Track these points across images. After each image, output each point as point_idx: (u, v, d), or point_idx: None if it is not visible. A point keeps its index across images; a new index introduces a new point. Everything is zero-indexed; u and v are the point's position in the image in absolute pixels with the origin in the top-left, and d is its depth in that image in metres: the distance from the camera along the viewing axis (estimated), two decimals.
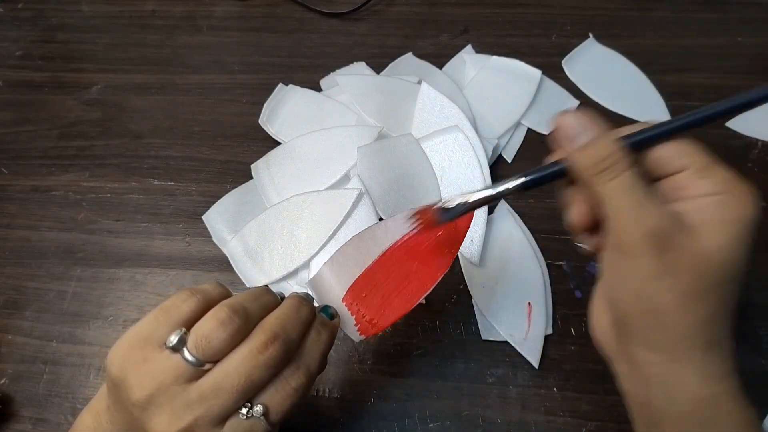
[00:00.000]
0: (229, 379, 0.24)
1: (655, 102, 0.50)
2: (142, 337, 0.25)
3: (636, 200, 0.23)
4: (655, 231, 0.22)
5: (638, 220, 0.23)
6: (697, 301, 0.23)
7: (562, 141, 0.25)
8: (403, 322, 0.40)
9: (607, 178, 0.23)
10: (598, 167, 0.23)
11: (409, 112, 0.48)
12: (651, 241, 0.22)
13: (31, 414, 0.38)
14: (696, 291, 0.23)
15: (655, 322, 0.23)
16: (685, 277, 0.22)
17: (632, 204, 0.23)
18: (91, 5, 0.61)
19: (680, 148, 0.24)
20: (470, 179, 0.44)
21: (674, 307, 0.23)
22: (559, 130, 0.25)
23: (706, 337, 0.23)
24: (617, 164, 0.23)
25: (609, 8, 0.57)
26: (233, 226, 0.44)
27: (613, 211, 0.23)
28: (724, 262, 0.22)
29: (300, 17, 0.59)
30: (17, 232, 0.46)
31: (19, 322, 0.41)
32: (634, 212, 0.23)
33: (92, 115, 0.52)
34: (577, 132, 0.24)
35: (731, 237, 0.22)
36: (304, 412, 0.37)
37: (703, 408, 0.23)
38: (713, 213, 0.23)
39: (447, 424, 0.36)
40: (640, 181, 0.23)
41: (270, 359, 0.24)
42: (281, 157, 0.46)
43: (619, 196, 0.23)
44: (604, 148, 0.23)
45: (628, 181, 0.23)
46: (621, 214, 0.23)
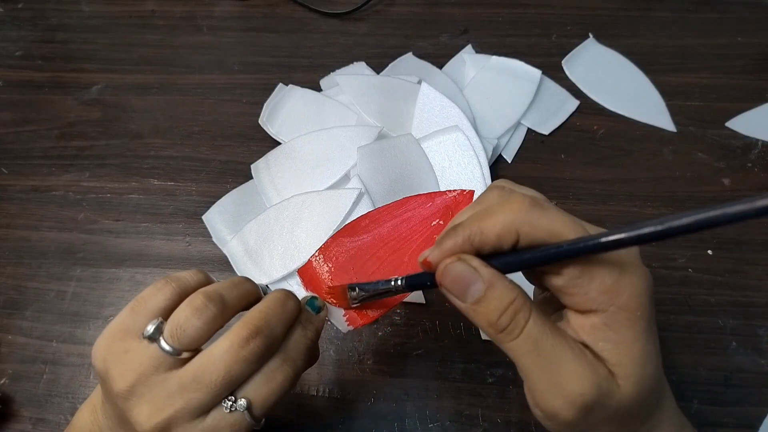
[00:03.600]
0: (208, 372, 0.24)
1: (655, 102, 0.50)
2: (121, 329, 0.25)
3: (546, 362, 0.21)
4: (577, 399, 0.20)
5: (555, 386, 0.21)
6: (630, 424, 0.22)
7: (451, 298, 0.22)
8: (403, 322, 0.40)
9: (509, 337, 0.21)
10: (498, 326, 0.21)
11: (409, 112, 0.48)
12: (573, 410, 0.21)
13: (31, 414, 0.38)
14: (627, 421, 0.22)
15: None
16: (614, 422, 0.22)
17: (543, 366, 0.21)
18: (91, 5, 0.61)
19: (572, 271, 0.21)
20: (470, 179, 0.44)
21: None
22: (444, 285, 0.22)
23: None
24: (516, 319, 0.21)
25: (609, 8, 0.57)
26: (233, 226, 0.44)
27: (525, 372, 0.21)
28: (645, 387, 0.21)
29: (300, 17, 0.59)
30: (17, 232, 0.46)
31: (19, 322, 0.41)
32: (548, 376, 0.21)
33: (92, 115, 0.52)
34: (463, 287, 0.21)
35: (642, 360, 0.21)
36: (303, 412, 0.37)
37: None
38: (616, 342, 0.21)
39: (447, 424, 0.36)
40: (546, 331, 0.21)
41: (251, 354, 0.24)
42: (281, 157, 0.46)
43: (528, 357, 0.21)
44: (500, 301, 0.21)
45: (532, 337, 0.21)
46: (534, 377, 0.21)
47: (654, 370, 0.22)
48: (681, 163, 0.47)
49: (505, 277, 0.22)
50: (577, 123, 0.50)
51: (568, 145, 0.48)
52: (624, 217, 0.44)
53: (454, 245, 0.22)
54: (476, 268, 0.21)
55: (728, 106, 0.50)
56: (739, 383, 0.37)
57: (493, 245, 0.21)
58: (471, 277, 0.21)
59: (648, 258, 0.42)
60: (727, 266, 0.42)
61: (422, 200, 0.30)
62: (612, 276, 0.20)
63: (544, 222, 0.21)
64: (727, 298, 0.40)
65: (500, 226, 0.21)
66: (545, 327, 0.21)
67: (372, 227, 0.31)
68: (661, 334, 0.40)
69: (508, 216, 0.21)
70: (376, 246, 0.31)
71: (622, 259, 0.21)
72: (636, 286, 0.21)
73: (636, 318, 0.21)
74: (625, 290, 0.21)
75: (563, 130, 0.49)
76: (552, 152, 0.48)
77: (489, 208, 0.22)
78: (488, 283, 0.21)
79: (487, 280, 0.21)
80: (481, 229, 0.21)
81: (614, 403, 0.21)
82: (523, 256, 0.21)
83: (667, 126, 0.49)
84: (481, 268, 0.21)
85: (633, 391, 0.21)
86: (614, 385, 0.21)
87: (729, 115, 0.49)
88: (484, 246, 0.21)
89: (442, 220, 0.29)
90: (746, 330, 0.39)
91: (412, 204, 0.31)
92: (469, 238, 0.21)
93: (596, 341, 0.21)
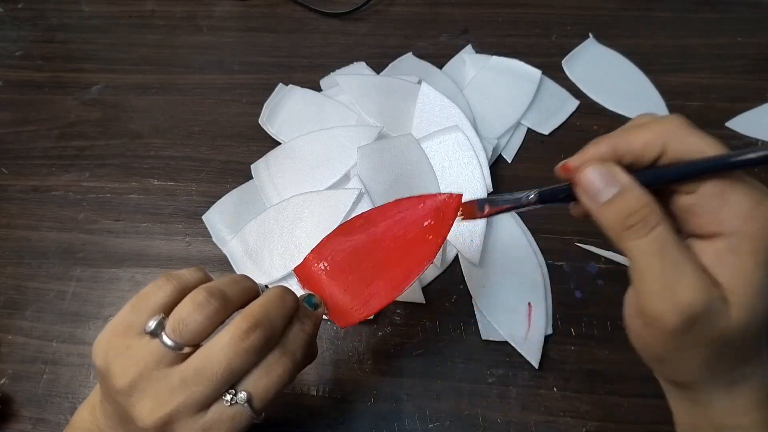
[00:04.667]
0: (210, 365, 0.24)
1: (655, 102, 0.50)
2: (123, 326, 0.25)
3: (667, 265, 0.21)
4: (685, 308, 0.20)
5: (668, 291, 0.21)
6: (720, 360, 0.22)
7: (584, 198, 0.23)
8: (402, 322, 0.40)
9: (636, 236, 0.21)
10: (625, 223, 0.21)
11: (409, 112, 0.48)
12: (679, 317, 0.21)
13: (31, 414, 0.38)
14: (720, 354, 0.22)
15: (673, 374, 0.24)
16: (710, 346, 0.22)
17: (662, 269, 0.21)
18: (91, 5, 0.61)
19: (716, 190, 0.21)
20: (470, 179, 0.44)
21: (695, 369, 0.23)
22: (580, 185, 0.23)
23: (727, 380, 0.23)
24: (647, 219, 0.21)
25: (609, 8, 0.57)
26: (233, 227, 0.44)
27: (641, 272, 0.21)
28: (753, 320, 0.21)
29: (300, 17, 0.59)
30: (17, 232, 0.46)
31: (19, 322, 0.41)
32: (664, 280, 0.21)
33: (92, 115, 0.52)
34: (601, 187, 0.22)
35: (758, 292, 0.21)
36: (303, 412, 0.37)
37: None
38: (736, 267, 0.21)
39: (447, 424, 0.36)
40: (672, 239, 0.21)
41: (251, 347, 0.24)
42: (281, 157, 0.46)
43: (649, 257, 0.21)
44: (634, 202, 0.21)
45: (660, 239, 0.21)
46: (650, 279, 0.21)
47: (767, 312, 0.21)
48: None
49: (640, 185, 0.22)
50: (577, 123, 0.50)
51: (568, 145, 0.48)
52: None
53: (596, 151, 0.23)
54: (615, 172, 0.22)
55: (728, 106, 0.50)
56: None
57: (636, 155, 0.22)
58: (609, 179, 0.22)
59: None
60: None
61: (414, 202, 0.31)
62: (750, 202, 0.21)
63: (693, 139, 0.21)
64: None
65: (649, 137, 0.22)
66: (673, 235, 0.21)
67: (366, 227, 0.31)
68: None
69: (658, 129, 0.22)
70: (371, 245, 0.31)
71: (764, 189, 0.21)
72: (764, 218, 0.21)
73: (762, 249, 0.21)
74: (758, 219, 0.21)
75: (563, 130, 0.49)
76: (552, 152, 0.48)
77: (639, 124, 0.23)
78: (623, 187, 0.22)
79: (623, 184, 0.22)
80: (628, 139, 0.22)
81: (720, 327, 0.21)
82: (665, 170, 0.22)
83: None
84: (620, 173, 0.22)
85: (743, 320, 0.21)
86: (725, 308, 0.21)
87: (729, 115, 0.49)
88: (627, 155, 0.22)
89: (434, 221, 0.30)
90: None
91: (405, 205, 0.31)
92: (614, 145, 0.22)
93: (716, 265, 0.21)
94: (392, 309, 0.40)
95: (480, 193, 0.43)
